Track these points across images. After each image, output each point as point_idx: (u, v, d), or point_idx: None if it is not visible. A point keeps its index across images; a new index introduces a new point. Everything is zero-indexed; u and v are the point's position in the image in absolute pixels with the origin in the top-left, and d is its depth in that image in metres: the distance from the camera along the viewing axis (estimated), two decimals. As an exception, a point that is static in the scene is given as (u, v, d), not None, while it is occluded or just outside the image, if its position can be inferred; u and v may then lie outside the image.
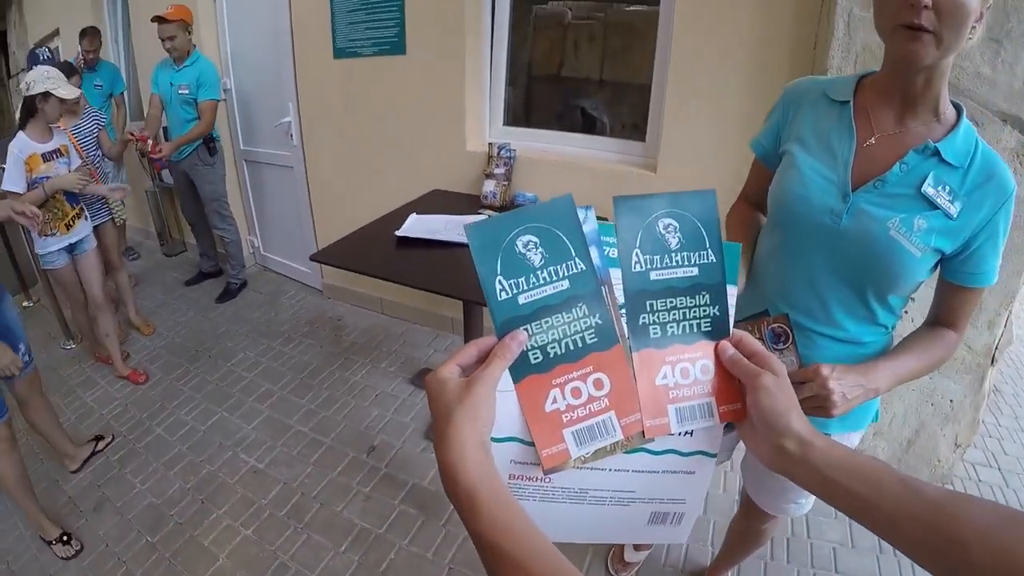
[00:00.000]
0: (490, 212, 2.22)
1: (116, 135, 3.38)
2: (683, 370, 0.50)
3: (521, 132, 2.59)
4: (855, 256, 0.85)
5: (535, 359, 0.47)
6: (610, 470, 0.51)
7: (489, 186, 2.28)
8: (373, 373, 2.65)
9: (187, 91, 3.02)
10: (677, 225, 0.51)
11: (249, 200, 3.70)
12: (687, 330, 0.51)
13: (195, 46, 3.08)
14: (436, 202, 2.42)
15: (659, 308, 0.50)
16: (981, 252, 0.83)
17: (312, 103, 2.99)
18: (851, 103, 0.88)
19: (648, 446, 0.50)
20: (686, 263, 0.51)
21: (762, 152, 1.03)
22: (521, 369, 0.47)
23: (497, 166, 2.30)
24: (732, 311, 0.52)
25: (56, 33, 5.08)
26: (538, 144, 2.51)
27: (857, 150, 0.86)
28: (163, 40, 2.95)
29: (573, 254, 0.48)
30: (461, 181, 2.55)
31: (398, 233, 1.96)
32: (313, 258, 1.94)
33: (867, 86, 0.89)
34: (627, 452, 0.50)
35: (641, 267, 0.50)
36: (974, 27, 0.75)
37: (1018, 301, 1.95)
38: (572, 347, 0.48)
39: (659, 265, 0.50)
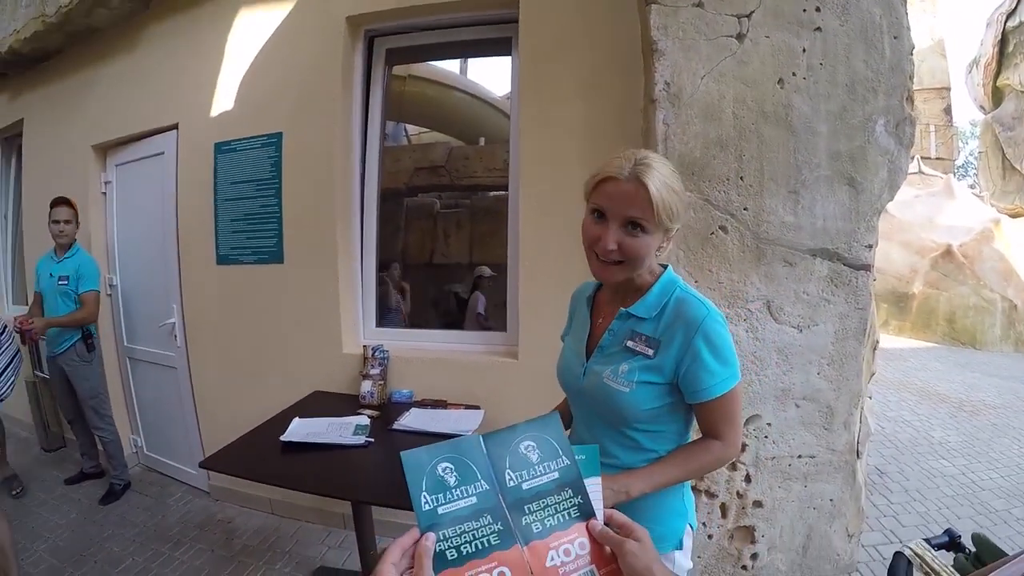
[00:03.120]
0: (370, 412, 2.27)
1: None
2: (565, 550, 0.63)
3: (392, 332, 2.74)
4: (594, 403, 1.09)
5: (451, 557, 0.58)
6: None
7: (366, 386, 2.36)
8: (268, 575, 2.50)
9: (66, 282, 3.01)
10: (535, 444, 0.67)
11: (132, 399, 3.56)
12: (561, 520, 0.64)
13: (76, 239, 3.12)
14: (318, 403, 2.45)
15: (535, 509, 0.64)
16: (692, 373, 1.00)
17: (196, 306, 3.04)
18: (591, 298, 1.19)
19: None
20: (548, 470, 0.66)
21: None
22: (439, 565, 0.58)
23: (372, 367, 2.40)
24: (598, 496, 0.68)
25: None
26: (408, 343, 2.65)
27: (591, 330, 1.15)
28: (56, 223, 3.00)
29: (479, 477, 0.63)
30: (340, 382, 2.60)
31: (283, 439, 1.98)
32: (203, 465, 1.92)
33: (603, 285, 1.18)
34: None
35: (514, 481, 0.64)
36: (662, 247, 1.03)
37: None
38: (480, 547, 0.60)
39: (527, 476, 0.65)
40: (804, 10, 1.89)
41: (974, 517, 2.98)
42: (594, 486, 0.69)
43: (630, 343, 1.04)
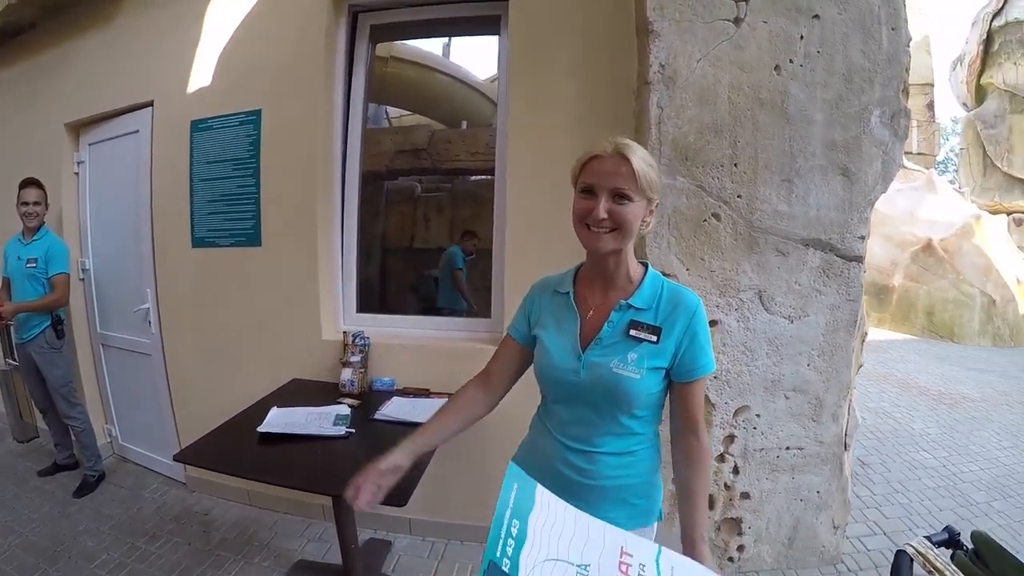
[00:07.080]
0: (350, 401, 2.22)
1: None
2: None
3: (373, 318, 2.68)
4: (596, 394, 1.11)
5: None
6: None
7: (347, 374, 2.31)
8: (247, 570, 2.43)
9: (35, 265, 2.91)
10: None
11: (106, 387, 3.46)
12: None
13: (43, 222, 3.02)
14: (296, 392, 2.40)
15: None
16: (690, 354, 1.10)
17: (171, 290, 2.95)
18: (571, 292, 1.19)
19: None
20: None
21: (517, 334, 1.30)
22: None
23: (353, 354, 2.34)
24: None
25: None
26: (390, 329, 2.60)
27: (581, 323, 1.16)
28: (25, 204, 2.90)
29: None
30: (319, 369, 2.55)
31: (260, 429, 1.93)
32: (177, 458, 1.86)
33: (581, 276, 1.21)
34: None
35: None
36: (646, 221, 1.11)
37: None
38: None
39: None
40: (803, -4, 1.87)
41: (956, 509, 3.01)
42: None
43: (633, 332, 1.11)
